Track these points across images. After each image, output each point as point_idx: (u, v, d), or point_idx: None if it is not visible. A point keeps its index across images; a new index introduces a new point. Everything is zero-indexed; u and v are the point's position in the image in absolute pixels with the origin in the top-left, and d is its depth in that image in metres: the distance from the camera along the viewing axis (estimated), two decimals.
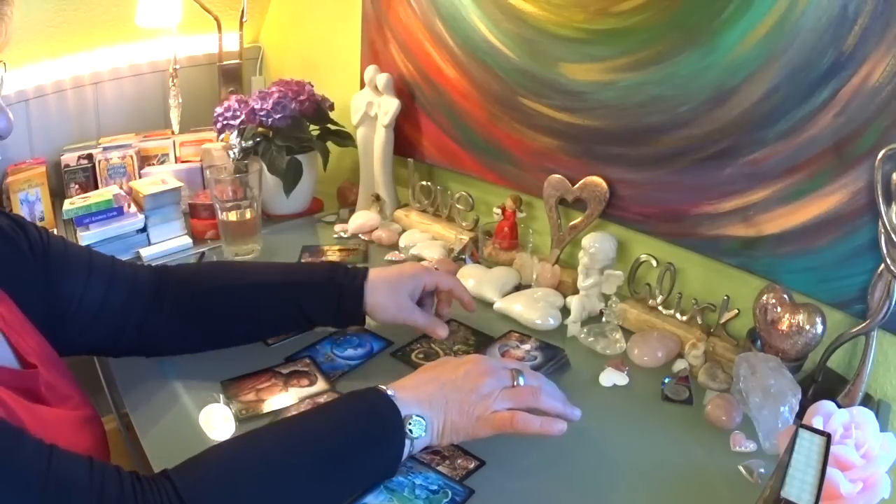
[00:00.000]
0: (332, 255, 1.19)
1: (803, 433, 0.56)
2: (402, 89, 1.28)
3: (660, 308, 0.93)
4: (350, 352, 0.88)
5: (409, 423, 0.62)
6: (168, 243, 1.23)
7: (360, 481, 0.61)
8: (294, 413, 0.61)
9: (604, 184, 0.98)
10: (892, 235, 0.69)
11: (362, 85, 1.32)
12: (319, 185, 1.41)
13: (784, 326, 0.76)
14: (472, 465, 0.69)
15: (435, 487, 0.65)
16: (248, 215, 1.19)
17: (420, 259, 1.15)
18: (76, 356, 0.85)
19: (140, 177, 1.44)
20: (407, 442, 0.62)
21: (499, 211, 1.13)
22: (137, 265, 0.83)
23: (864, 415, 0.62)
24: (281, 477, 0.55)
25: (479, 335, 0.92)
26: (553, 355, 0.85)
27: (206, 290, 0.81)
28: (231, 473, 0.54)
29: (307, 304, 0.82)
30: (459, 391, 0.66)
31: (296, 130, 1.29)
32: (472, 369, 0.68)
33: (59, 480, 0.48)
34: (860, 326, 0.74)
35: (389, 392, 0.63)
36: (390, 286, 0.83)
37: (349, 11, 1.40)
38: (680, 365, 0.86)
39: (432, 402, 0.65)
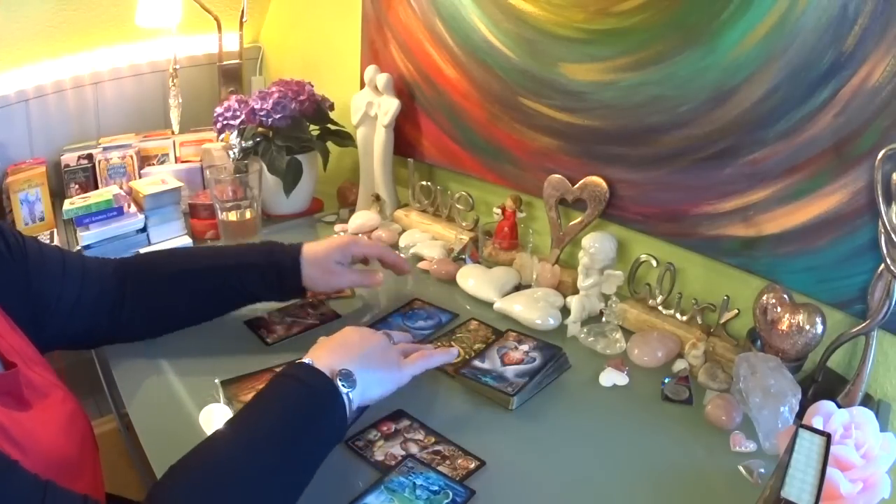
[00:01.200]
0: None
1: (803, 433, 0.56)
2: (402, 89, 1.28)
3: (660, 308, 0.93)
4: (421, 323, 0.97)
5: (339, 380, 0.65)
6: (168, 243, 1.23)
7: (320, 453, 0.64)
8: (240, 411, 0.63)
9: (604, 184, 0.98)
10: (892, 235, 0.69)
11: (362, 85, 1.32)
12: (319, 185, 1.41)
13: (784, 326, 0.76)
14: (472, 466, 0.69)
15: (436, 488, 0.65)
16: (248, 215, 1.20)
17: (420, 259, 1.15)
18: (74, 355, 0.86)
19: (140, 177, 1.44)
20: (345, 399, 0.65)
21: (499, 211, 1.13)
22: (102, 260, 0.86)
23: (864, 415, 0.62)
24: (252, 480, 0.56)
25: (497, 332, 0.93)
26: (552, 355, 0.85)
27: (161, 278, 0.86)
28: (206, 489, 0.55)
29: (252, 285, 0.88)
30: (369, 347, 0.73)
31: (296, 130, 1.29)
32: (363, 332, 0.76)
33: None
34: (860, 326, 0.74)
35: (308, 361, 0.66)
36: (321, 260, 0.90)
37: (349, 11, 1.40)
38: (680, 365, 0.86)
39: (351, 360, 0.69)
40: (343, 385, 0.65)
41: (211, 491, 0.55)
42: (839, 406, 0.63)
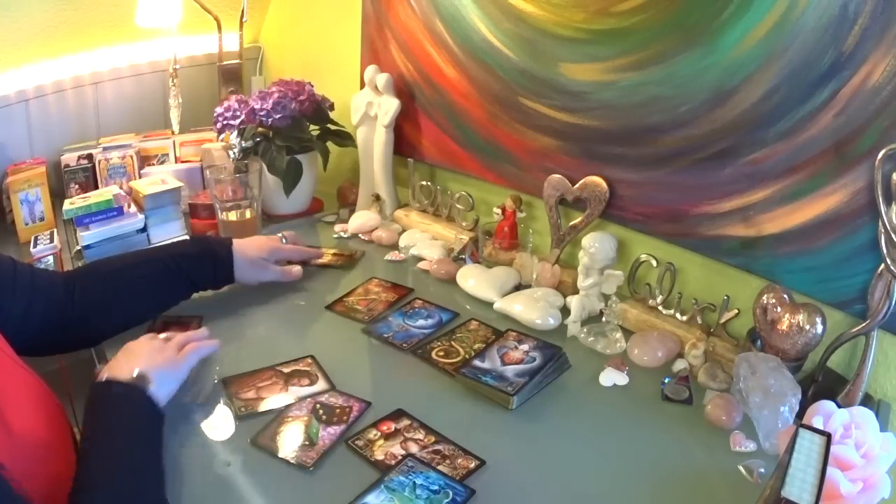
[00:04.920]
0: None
1: (803, 433, 0.56)
2: (402, 89, 1.28)
3: (660, 308, 0.93)
4: (421, 322, 0.97)
5: (137, 382, 0.72)
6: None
7: (158, 444, 0.69)
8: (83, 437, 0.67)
9: (604, 184, 0.98)
10: (892, 235, 0.69)
11: (362, 85, 1.32)
12: (319, 185, 1.41)
13: (784, 326, 0.76)
14: (472, 465, 0.69)
15: (436, 487, 0.65)
16: (248, 215, 1.20)
17: (420, 259, 1.15)
18: (74, 355, 0.86)
19: (140, 177, 1.44)
20: (148, 393, 0.71)
21: (499, 211, 1.13)
22: (51, 271, 0.90)
23: (864, 415, 0.62)
24: (116, 486, 0.62)
25: (497, 332, 0.93)
26: (552, 355, 0.85)
27: (104, 276, 0.89)
28: None
29: (189, 270, 0.95)
30: (148, 351, 0.78)
31: (296, 130, 1.29)
32: (139, 343, 0.80)
33: None
34: (860, 326, 0.74)
35: (107, 377, 0.72)
36: (249, 255, 1.00)
37: (349, 11, 1.40)
38: (680, 365, 0.86)
39: (141, 364, 0.74)
40: (140, 384, 0.71)
41: None
42: (839, 406, 0.63)
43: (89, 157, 1.46)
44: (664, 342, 0.88)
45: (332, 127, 1.38)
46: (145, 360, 0.76)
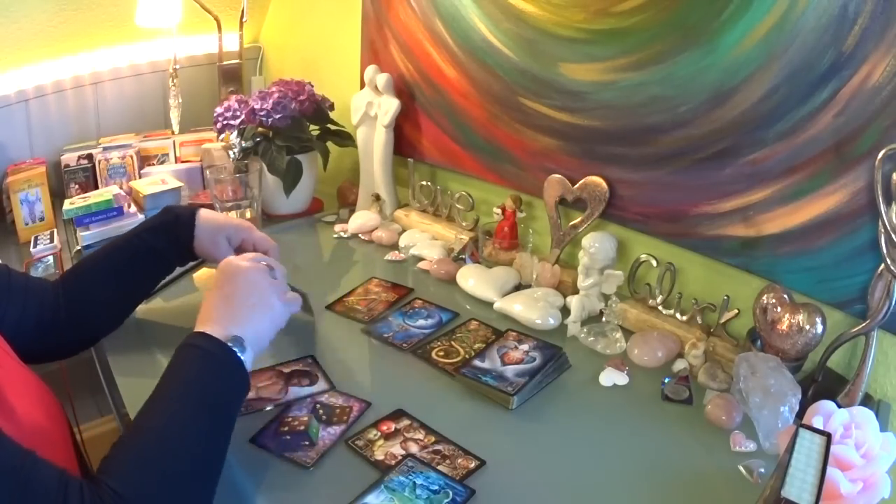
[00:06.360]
0: None
1: (803, 433, 0.56)
2: (402, 89, 1.28)
3: (660, 308, 0.93)
4: (421, 322, 0.97)
5: (233, 346, 0.68)
6: None
7: (235, 408, 0.68)
8: (158, 385, 0.66)
9: (604, 184, 0.98)
10: (892, 235, 0.69)
11: (362, 85, 1.32)
12: (319, 185, 1.41)
13: (784, 326, 0.76)
14: (472, 465, 0.69)
15: (436, 487, 0.65)
16: (248, 215, 1.20)
17: (420, 259, 1.15)
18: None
19: (140, 177, 1.44)
20: (243, 360, 0.69)
21: (499, 211, 1.13)
22: (43, 279, 0.90)
23: (864, 415, 0.62)
24: (179, 443, 0.61)
25: (497, 332, 0.93)
26: (552, 355, 0.85)
27: (83, 274, 0.88)
28: (145, 458, 0.59)
29: (157, 245, 0.90)
30: (253, 297, 0.75)
31: (296, 130, 1.29)
32: (249, 277, 0.77)
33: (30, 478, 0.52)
34: (860, 326, 0.74)
35: (208, 331, 0.69)
36: (213, 228, 0.93)
37: (349, 11, 1.40)
38: (680, 365, 0.86)
39: (238, 321, 0.72)
40: (237, 350, 0.68)
41: (151, 462, 0.59)
42: (839, 406, 0.63)
43: (89, 157, 1.46)
44: (664, 342, 0.88)
45: (332, 127, 1.38)
46: (246, 311, 0.73)
